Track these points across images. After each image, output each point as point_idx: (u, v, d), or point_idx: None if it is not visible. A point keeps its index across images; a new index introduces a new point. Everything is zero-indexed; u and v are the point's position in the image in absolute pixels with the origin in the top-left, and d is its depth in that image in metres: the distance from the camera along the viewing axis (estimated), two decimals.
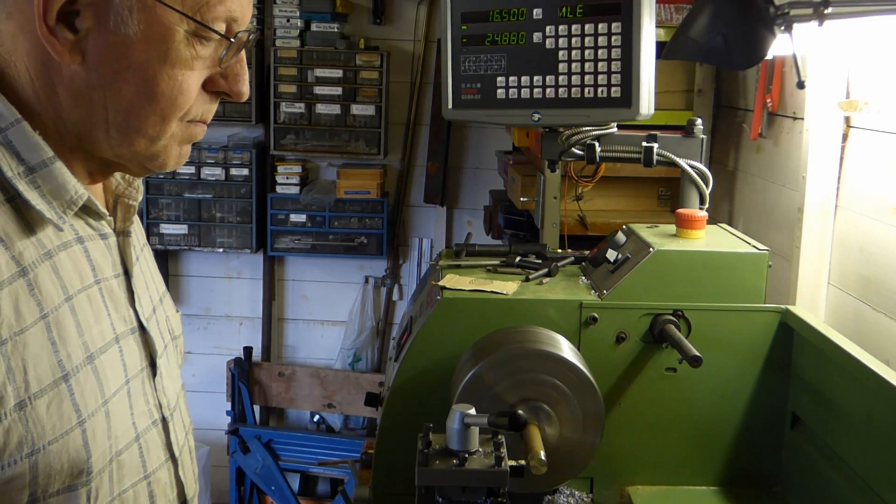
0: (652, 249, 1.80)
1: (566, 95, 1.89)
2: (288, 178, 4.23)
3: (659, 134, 2.03)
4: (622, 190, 2.99)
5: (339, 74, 4.08)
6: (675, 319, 1.77)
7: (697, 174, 2.01)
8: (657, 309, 1.78)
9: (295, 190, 4.23)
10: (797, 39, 2.02)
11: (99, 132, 0.98)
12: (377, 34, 4.22)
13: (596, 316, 1.79)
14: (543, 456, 1.40)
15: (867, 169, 2.06)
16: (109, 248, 1.06)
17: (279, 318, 4.53)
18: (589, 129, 2.02)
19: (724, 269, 1.81)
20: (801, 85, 2.09)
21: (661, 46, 1.99)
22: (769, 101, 2.57)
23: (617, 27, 1.82)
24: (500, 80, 1.93)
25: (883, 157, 1.99)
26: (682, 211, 1.93)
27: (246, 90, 1.05)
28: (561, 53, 1.87)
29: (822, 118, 2.15)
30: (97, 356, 0.97)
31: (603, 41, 1.83)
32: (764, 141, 2.66)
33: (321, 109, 4.10)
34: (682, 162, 2.01)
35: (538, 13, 1.88)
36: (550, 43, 1.88)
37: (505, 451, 1.37)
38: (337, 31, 4.07)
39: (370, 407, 2.19)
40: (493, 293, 1.82)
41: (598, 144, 2.03)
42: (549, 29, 1.87)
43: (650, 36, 1.82)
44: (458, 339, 1.78)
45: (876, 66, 2.03)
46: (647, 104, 1.83)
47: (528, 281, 1.92)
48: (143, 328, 1.08)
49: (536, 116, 1.92)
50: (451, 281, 1.89)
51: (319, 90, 4.08)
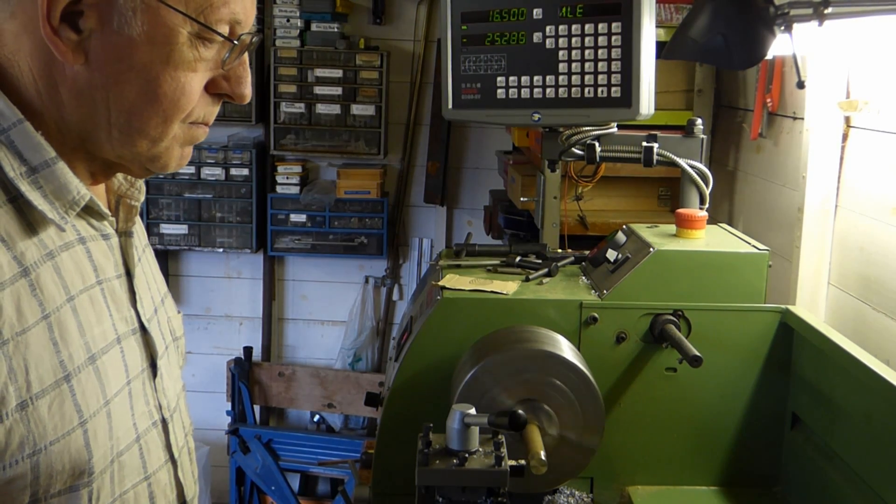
0: (652, 249, 1.80)
1: (566, 95, 1.89)
2: (288, 178, 4.23)
3: (659, 134, 2.03)
4: (622, 190, 2.99)
5: (339, 74, 4.07)
6: (675, 319, 1.77)
7: (697, 174, 2.01)
8: (657, 309, 1.78)
9: (295, 190, 4.22)
10: (797, 39, 2.02)
11: (101, 133, 0.98)
12: (377, 34, 4.22)
13: (596, 316, 1.79)
14: (543, 456, 1.40)
15: (867, 169, 2.06)
16: (111, 248, 1.06)
17: (279, 318, 4.53)
18: (589, 129, 2.02)
19: (724, 269, 1.81)
20: (801, 85, 2.09)
21: (661, 46, 2.00)
22: (769, 100, 2.57)
23: (617, 27, 1.82)
24: (500, 80, 1.93)
25: (883, 157, 1.99)
26: (682, 211, 1.93)
27: (248, 93, 1.05)
28: (561, 53, 1.87)
29: (822, 118, 2.15)
30: (99, 357, 0.98)
31: (603, 41, 1.83)
32: (764, 141, 2.66)
33: (321, 109, 4.09)
34: (682, 162, 2.01)
35: (538, 13, 1.88)
36: (550, 43, 1.88)
37: (505, 450, 1.37)
38: (337, 31, 4.07)
39: (370, 407, 2.19)
40: (493, 293, 1.82)
41: (598, 144, 2.03)
42: (549, 29, 1.88)
43: (650, 36, 1.82)
44: (458, 339, 1.78)
45: (876, 66, 2.03)
46: (647, 104, 1.84)
47: (528, 281, 1.92)
48: (144, 329, 1.08)
49: (536, 116, 1.92)
50: (451, 281, 1.89)
51: (319, 90, 4.08)
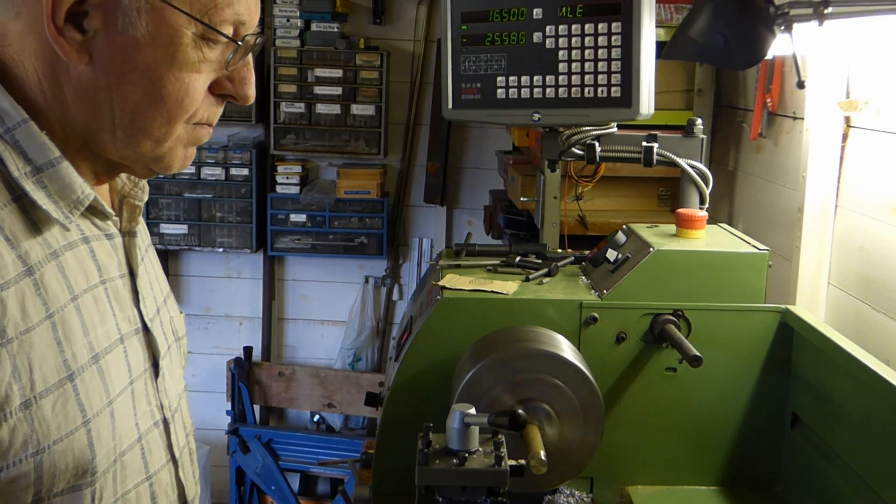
0: (652, 249, 1.81)
1: (566, 95, 1.89)
2: (288, 177, 4.23)
3: (659, 134, 2.03)
4: (622, 190, 2.99)
5: (339, 74, 4.08)
6: (675, 319, 1.77)
7: (697, 174, 2.01)
8: (657, 309, 1.79)
9: (295, 190, 4.23)
10: (797, 39, 2.02)
11: (105, 133, 0.98)
12: (377, 34, 4.22)
13: (596, 316, 1.79)
14: (543, 456, 1.40)
15: (867, 169, 2.07)
16: (115, 248, 1.06)
17: (279, 317, 4.54)
18: (589, 128, 2.02)
19: (724, 269, 1.81)
20: (801, 85, 2.10)
21: (661, 46, 2.00)
22: (769, 100, 2.57)
23: (617, 27, 1.82)
24: (500, 79, 1.93)
25: (883, 157, 2.00)
26: (682, 211, 1.93)
27: (252, 94, 1.05)
28: (561, 53, 1.87)
29: (822, 118, 2.15)
30: (102, 356, 0.98)
31: (603, 41, 1.83)
32: (764, 141, 2.66)
33: (321, 109, 4.10)
34: (682, 162, 2.01)
35: (538, 13, 1.88)
36: (550, 43, 1.88)
37: (505, 450, 1.37)
38: (337, 31, 4.07)
39: (370, 407, 2.19)
40: (493, 293, 1.83)
41: (598, 144, 2.03)
42: (549, 29, 1.88)
43: (650, 36, 1.82)
44: (458, 339, 1.78)
45: (876, 66, 2.03)
46: (647, 104, 1.84)
47: (528, 281, 1.92)
48: (146, 328, 1.08)
49: (536, 116, 1.92)
50: (451, 281, 1.89)
51: (319, 90, 4.08)
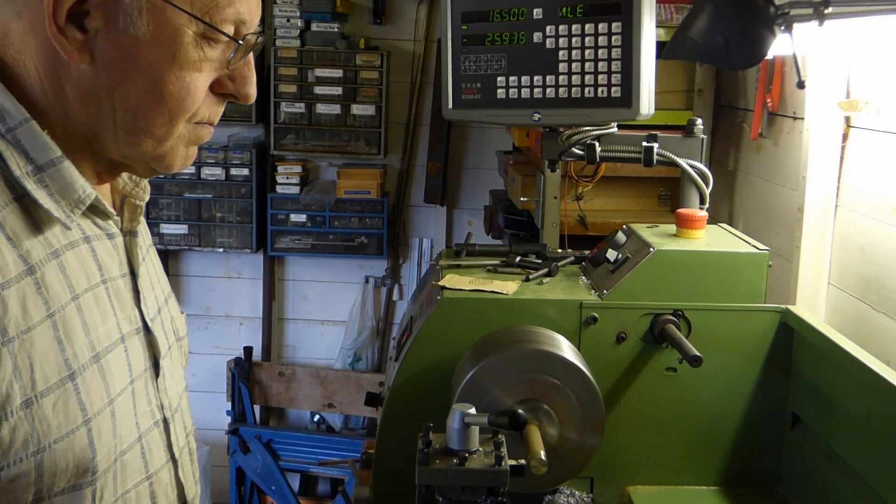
0: (652, 249, 1.81)
1: (566, 95, 1.89)
2: (288, 177, 4.23)
3: (659, 134, 2.03)
4: (622, 190, 2.99)
5: (339, 74, 4.07)
6: (675, 319, 1.77)
7: (697, 174, 2.01)
8: (657, 309, 1.79)
9: (295, 190, 4.23)
10: (797, 39, 2.02)
11: (107, 132, 0.98)
12: (377, 34, 4.23)
13: (596, 316, 1.79)
14: (543, 456, 1.40)
15: (867, 169, 2.07)
16: (116, 247, 1.06)
17: (279, 317, 4.54)
18: (589, 128, 2.02)
19: (724, 269, 1.81)
20: (801, 85, 2.10)
21: (661, 46, 2.00)
22: (769, 100, 2.57)
23: (617, 27, 1.82)
24: (500, 79, 1.93)
25: (883, 157, 2.00)
26: (682, 211, 1.93)
27: (253, 93, 1.05)
28: (561, 53, 1.87)
29: (822, 118, 2.16)
30: (103, 355, 0.98)
31: (603, 41, 1.83)
32: (764, 141, 2.67)
33: (321, 109, 4.09)
34: (682, 162, 2.01)
35: (538, 13, 1.88)
36: (550, 43, 1.88)
37: (505, 450, 1.37)
38: (337, 31, 4.07)
39: (370, 407, 2.19)
40: (493, 293, 1.83)
41: (598, 144, 2.03)
42: (549, 29, 1.88)
43: (650, 36, 1.82)
44: (458, 339, 1.78)
45: (876, 66, 2.03)
46: (647, 104, 1.84)
47: (528, 281, 1.92)
48: (147, 328, 1.08)
49: (536, 116, 1.92)
50: (451, 281, 1.89)
51: (319, 90, 4.08)
